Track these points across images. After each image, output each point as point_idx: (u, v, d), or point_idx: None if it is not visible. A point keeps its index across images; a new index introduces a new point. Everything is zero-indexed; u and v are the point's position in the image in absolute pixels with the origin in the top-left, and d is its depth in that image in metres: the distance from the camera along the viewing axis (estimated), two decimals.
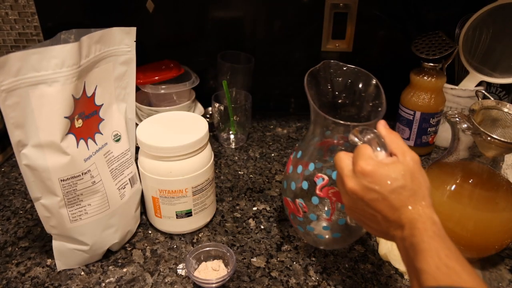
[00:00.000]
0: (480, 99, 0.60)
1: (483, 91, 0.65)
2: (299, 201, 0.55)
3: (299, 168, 0.55)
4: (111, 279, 0.56)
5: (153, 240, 0.62)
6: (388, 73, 0.95)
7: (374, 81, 0.54)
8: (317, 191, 0.53)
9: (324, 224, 0.55)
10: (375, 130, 0.45)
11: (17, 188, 0.74)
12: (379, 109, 0.51)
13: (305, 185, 0.54)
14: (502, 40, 0.79)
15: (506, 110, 0.55)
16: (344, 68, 0.55)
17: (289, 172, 0.57)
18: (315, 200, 0.54)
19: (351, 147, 0.47)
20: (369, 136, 0.45)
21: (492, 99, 0.58)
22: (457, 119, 0.54)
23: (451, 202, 0.54)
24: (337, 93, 0.56)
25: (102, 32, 0.53)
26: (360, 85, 0.55)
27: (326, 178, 0.53)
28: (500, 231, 0.53)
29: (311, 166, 0.54)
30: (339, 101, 0.56)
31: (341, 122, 0.48)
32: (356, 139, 0.46)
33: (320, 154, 0.54)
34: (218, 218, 0.67)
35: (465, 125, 0.53)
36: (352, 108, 0.56)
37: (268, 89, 0.97)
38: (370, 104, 0.53)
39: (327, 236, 0.57)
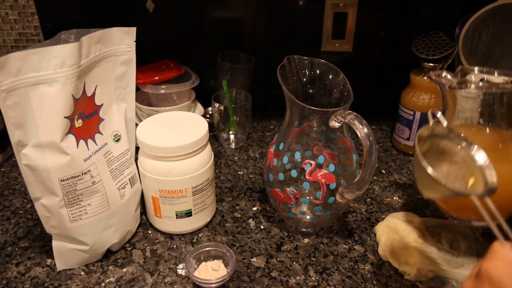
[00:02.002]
0: (431, 122, 0.48)
1: (439, 112, 0.48)
2: (289, 189, 0.58)
3: (285, 159, 0.58)
4: (111, 279, 0.56)
5: (153, 240, 0.62)
6: (388, 73, 0.95)
7: (336, 70, 0.58)
8: (307, 176, 0.57)
9: (316, 205, 0.58)
10: (352, 112, 0.51)
11: (17, 188, 0.74)
12: (345, 93, 0.56)
13: (294, 173, 0.58)
14: (502, 40, 0.79)
15: (458, 141, 0.45)
16: (305, 62, 0.60)
17: (273, 164, 0.60)
18: (306, 185, 0.59)
19: (320, 133, 0.55)
20: (349, 117, 0.50)
21: (445, 124, 0.47)
22: (443, 78, 0.49)
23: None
24: (304, 84, 0.61)
25: (102, 32, 0.53)
26: (323, 75, 0.60)
27: (313, 163, 0.56)
28: None
29: (297, 155, 0.58)
30: (309, 91, 0.61)
31: (321, 109, 0.53)
32: (336, 123, 0.52)
33: (302, 142, 0.58)
34: (218, 218, 0.67)
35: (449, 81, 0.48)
36: (319, 97, 0.61)
37: (268, 89, 0.97)
38: (335, 91, 0.58)
39: (319, 216, 0.60)
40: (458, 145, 0.45)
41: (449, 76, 0.51)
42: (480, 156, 0.44)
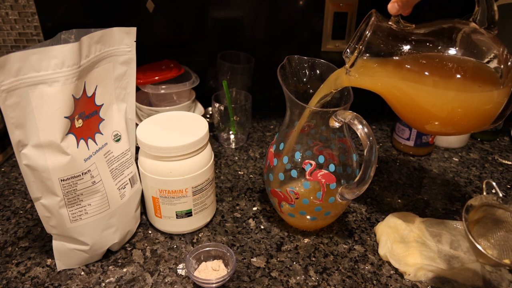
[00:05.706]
0: (484, 192, 0.51)
1: (494, 183, 0.53)
2: (289, 189, 0.58)
3: (285, 159, 0.58)
4: (111, 279, 0.56)
5: (153, 240, 0.62)
6: None
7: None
8: (307, 176, 0.57)
9: (316, 205, 0.58)
10: (352, 111, 0.51)
11: (17, 188, 0.74)
12: (346, 93, 0.57)
13: (294, 173, 0.58)
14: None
15: None
16: (306, 62, 0.60)
17: (273, 164, 0.60)
18: (306, 185, 0.59)
19: (320, 133, 0.56)
20: (349, 117, 0.50)
21: (500, 194, 0.51)
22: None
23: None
24: (304, 84, 0.61)
25: (102, 32, 0.53)
26: (323, 75, 0.59)
27: (313, 163, 0.56)
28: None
29: (297, 155, 0.58)
30: (310, 91, 0.61)
31: (321, 109, 0.54)
32: (336, 123, 0.52)
33: (302, 142, 0.59)
34: (218, 218, 0.67)
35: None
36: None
37: (268, 89, 0.97)
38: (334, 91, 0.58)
39: (319, 216, 0.60)
40: None
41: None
42: None
